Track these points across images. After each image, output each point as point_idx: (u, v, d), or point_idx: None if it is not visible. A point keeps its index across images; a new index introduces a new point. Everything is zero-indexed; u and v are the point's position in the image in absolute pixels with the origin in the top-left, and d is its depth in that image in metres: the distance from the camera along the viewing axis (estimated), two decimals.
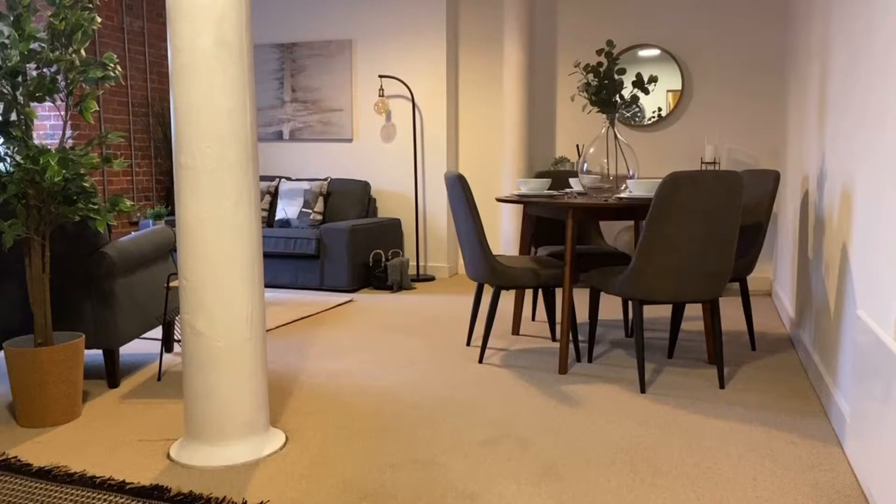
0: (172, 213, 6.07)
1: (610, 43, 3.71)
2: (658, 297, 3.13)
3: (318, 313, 4.76)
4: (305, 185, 6.03)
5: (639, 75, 3.70)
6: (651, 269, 3.07)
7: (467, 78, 6.25)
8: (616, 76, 3.68)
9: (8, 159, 2.65)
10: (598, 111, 3.79)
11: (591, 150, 3.80)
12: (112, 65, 2.82)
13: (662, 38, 5.67)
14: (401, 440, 2.60)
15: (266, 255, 5.71)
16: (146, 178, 6.53)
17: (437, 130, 6.15)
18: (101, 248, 3.06)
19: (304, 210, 5.94)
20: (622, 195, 3.40)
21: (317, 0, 6.43)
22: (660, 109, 5.85)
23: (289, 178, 6.36)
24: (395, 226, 6.15)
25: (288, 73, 6.55)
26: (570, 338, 3.70)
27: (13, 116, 2.63)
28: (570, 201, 3.33)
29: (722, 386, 3.18)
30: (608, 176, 3.82)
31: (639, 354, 3.13)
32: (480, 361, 3.59)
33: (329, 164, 6.57)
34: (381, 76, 6.14)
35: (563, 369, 3.41)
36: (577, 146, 5.93)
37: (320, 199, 6.00)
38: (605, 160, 3.78)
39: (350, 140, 6.44)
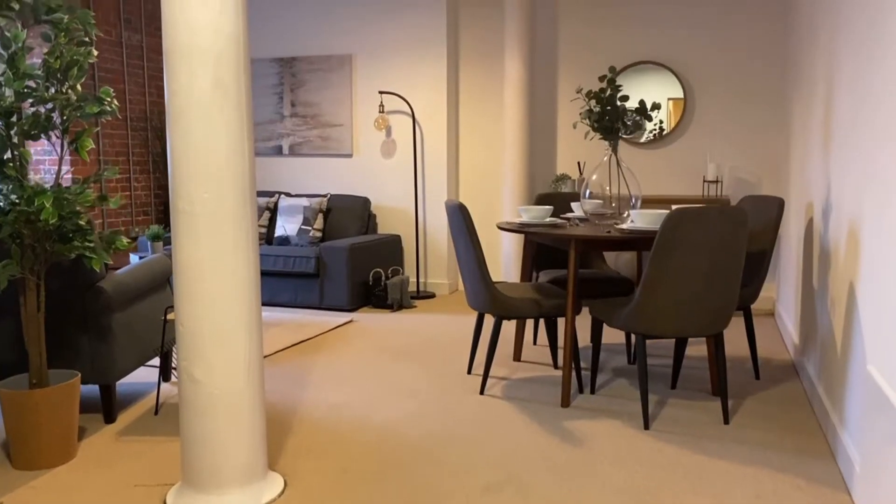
0: (170, 230, 6.02)
1: (612, 69, 3.67)
2: (662, 332, 3.09)
3: (317, 336, 4.72)
4: (305, 202, 5.99)
5: (641, 102, 3.66)
6: (655, 305, 3.03)
7: (468, 93, 6.20)
8: (619, 103, 3.64)
9: (2, 198, 2.60)
10: (600, 138, 3.75)
11: (594, 177, 3.76)
12: (108, 99, 2.78)
13: (664, 54, 5.63)
14: (401, 485, 2.56)
15: (265, 274, 5.67)
16: (144, 192, 6.49)
17: (438, 146, 6.11)
18: (98, 283, 3.02)
19: (303, 227, 5.90)
20: (624, 226, 3.36)
21: (316, 15, 6.39)
22: (661, 122, 5.81)
23: (288, 194, 6.32)
24: (395, 242, 6.11)
25: (287, 88, 6.51)
26: (573, 366, 3.65)
27: (7, 154, 2.59)
28: (572, 233, 3.28)
29: (726, 421, 3.14)
30: (610, 201, 3.78)
31: (642, 390, 3.09)
32: (482, 392, 3.55)
33: (329, 180, 6.53)
34: (381, 92, 6.09)
35: (565, 402, 3.37)
36: (579, 163, 5.89)
37: (320, 215, 5.96)
38: (608, 187, 3.74)
39: (350, 155, 6.40)
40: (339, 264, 5.45)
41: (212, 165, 2.24)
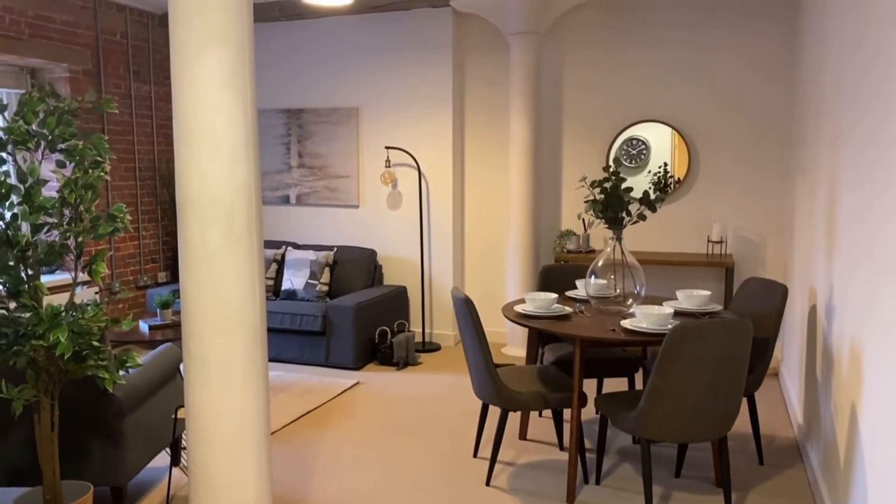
0: (177, 289, 6.06)
1: (617, 161, 3.71)
2: (667, 438, 3.12)
3: (323, 404, 4.76)
4: (312, 255, 6.04)
5: (646, 193, 3.70)
6: (659, 413, 3.06)
7: (473, 148, 6.25)
8: (623, 194, 3.67)
9: (16, 317, 2.65)
10: (605, 226, 3.79)
11: (600, 264, 3.80)
12: (121, 215, 2.82)
13: (667, 113, 5.66)
14: None
15: (272, 331, 5.72)
16: (153, 241, 6.54)
17: (444, 199, 6.15)
18: (109, 391, 3.06)
19: (310, 281, 5.95)
20: (628, 324, 3.39)
21: (324, 68, 6.43)
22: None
23: (295, 245, 6.37)
24: (400, 294, 6.15)
25: (295, 139, 6.56)
26: (578, 458, 3.69)
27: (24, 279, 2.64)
28: (578, 333, 3.32)
29: None
30: (615, 288, 3.82)
31: (647, 494, 3.12)
32: (488, 483, 3.59)
33: (335, 229, 6.58)
34: (387, 147, 6.14)
35: (570, 497, 3.41)
36: (584, 220, 5.92)
37: (326, 269, 6.01)
38: (612, 276, 3.77)
39: (356, 206, 6.45)
40: (345, 323, 5.49)
41: (223, 312, 2.28)
